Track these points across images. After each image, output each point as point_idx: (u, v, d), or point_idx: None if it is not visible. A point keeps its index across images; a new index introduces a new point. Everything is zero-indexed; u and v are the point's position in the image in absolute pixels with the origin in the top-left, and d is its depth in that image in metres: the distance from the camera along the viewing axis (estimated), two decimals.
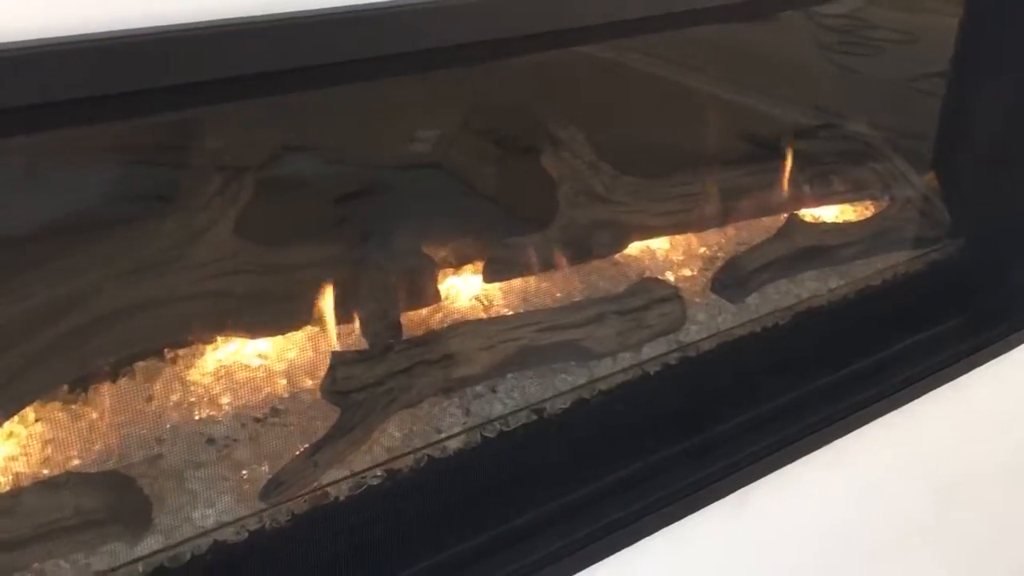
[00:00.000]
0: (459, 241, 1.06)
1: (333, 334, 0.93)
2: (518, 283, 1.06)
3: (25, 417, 0.82)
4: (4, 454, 0.80)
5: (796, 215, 1.19)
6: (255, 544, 0.78)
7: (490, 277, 1.05)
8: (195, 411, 0.86)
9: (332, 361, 0.86)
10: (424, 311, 0.98)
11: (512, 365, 0.95)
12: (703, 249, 1.18)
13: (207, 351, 0.92)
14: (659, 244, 1.17)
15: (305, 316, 0.93)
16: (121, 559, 0.74)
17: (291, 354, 0.93)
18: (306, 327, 0.94)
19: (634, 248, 1.15)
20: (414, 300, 0.97)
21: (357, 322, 0.93)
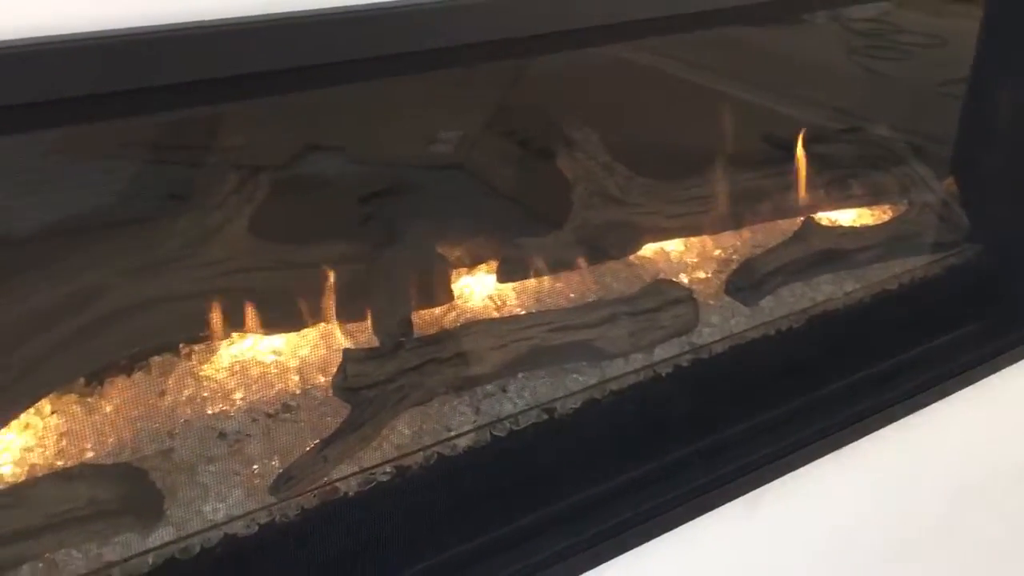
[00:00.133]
0: (474, 241, 1.07)
1: (345, 331, 0.93)
2: (531, 283, 1.06)
3: (41, 409, 0.83)
4: (20, 445, 0.81)
5: (812, 218, 1.18)
6: (264, 538, 0.79)
7: (504, 277, 1.06)
8: (208, 406, 0.87)
9: (344, 358, 0.87)
10: (436, 310, 0.99)
11: (523, 364, 0.95)
12: (718, 251, 1.18)
13: (221, 347, 0.93)
14: (674, 246, 1.17)
15: (318, 313, 0.94)
16: (132, 550, 0.75)
17: (304, 351, 0.94)
18: (319, 324, 0.95)
19: (648, 249, 1.15)
20: (427, 299, 0.98)
21: (369, 320, 0.93)
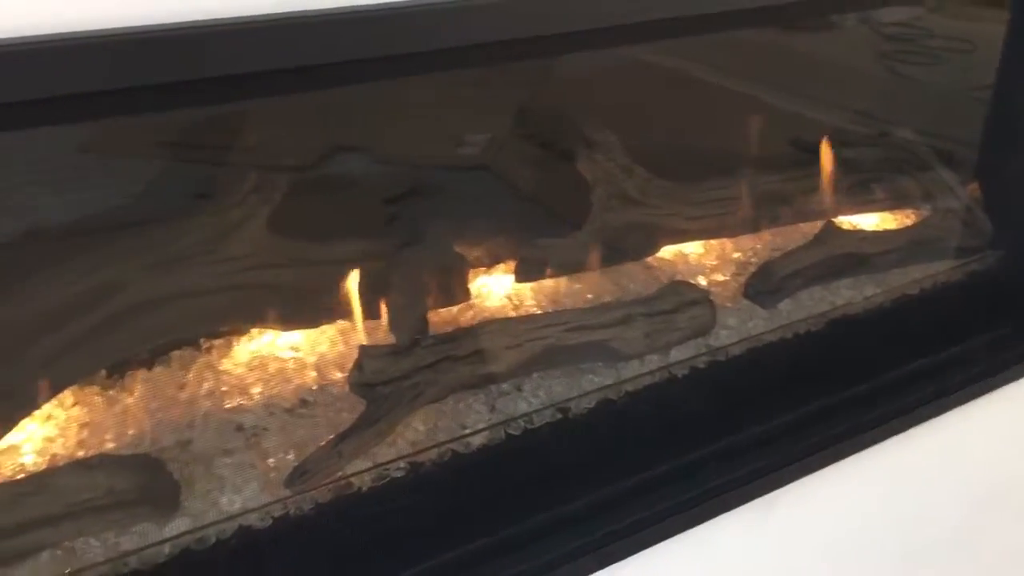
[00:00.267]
0: (494, 241, 1.07)
1: (362, 328, 0.94)
2: (549, 283, 1.07)
3: (63, 401, 0.85)
4: (43, 435, 0.83)
5: (832, 222, 1.18)
6: (279, 530, 0.80)
7: (522, 277, 1.06)
8: (226, 400, 0.89)
9: (360, 354, 0.87)
10: (454, 308, 1.00)
11: (539, 364, 0.95)
12: (737, 254, 1.18)
13: (241, 342, 0.94)
14: (692, 248, 1.17)
15: (337, 310, 0.95)
16: (149, 539, 0.76)
17: (322, 347, 0.95)
18: (338, 321, 0.96)
19: (667, 251, 1.15)
20: (444, 297, 0.99)
21: (386, 317, 0.94)
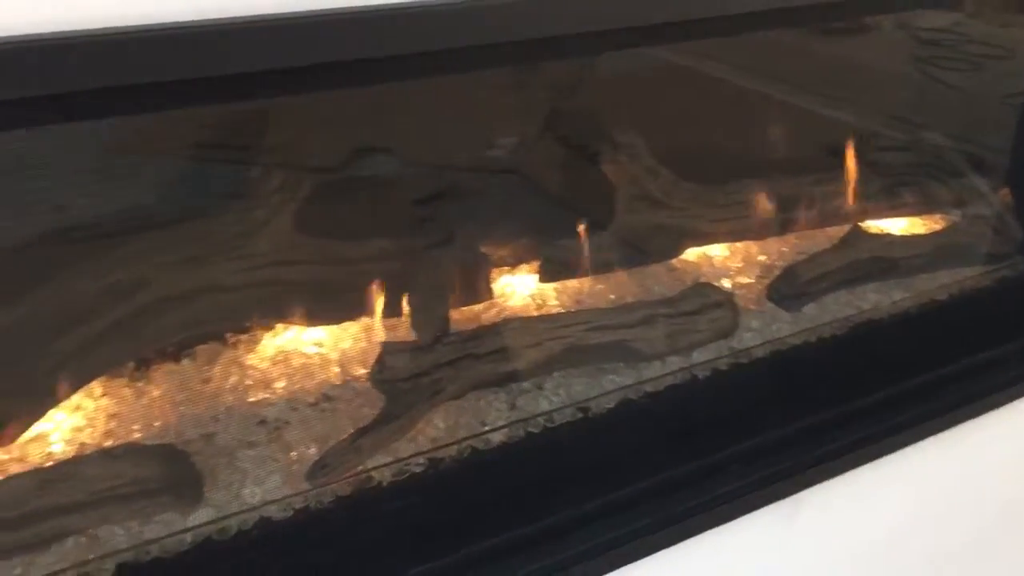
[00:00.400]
0: (518, 241, 1.08)
1: (385, 325, 0.95)
2: (573, 283, 1.07)
3: (92, 391, 0.87)
4: (71, 424, 0.84)
5: (859, 226, 1.17)
6: (299, 522, 0.81)
7: (546, 277, 1.07)
8: (250, 393, 0.90)
9: (382, 350, 0.88)
10: (477, 307, 1.00)
11: (560, 363, 0.96)
12: (763, 257, 1.17)
13: (266, 337, 0.96)
14: (717, 251, 1.17)
15: (360, 307, 0.96)
16: (172, 528, 0.78)
17: (345, 343, 0.96)
18: (361, 318, 0.97)
19: (692, 254, 1.15)
20: (466, 295, 1.00)
21: (409, 314, 0.95)
